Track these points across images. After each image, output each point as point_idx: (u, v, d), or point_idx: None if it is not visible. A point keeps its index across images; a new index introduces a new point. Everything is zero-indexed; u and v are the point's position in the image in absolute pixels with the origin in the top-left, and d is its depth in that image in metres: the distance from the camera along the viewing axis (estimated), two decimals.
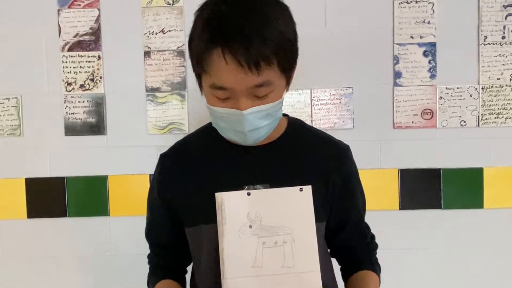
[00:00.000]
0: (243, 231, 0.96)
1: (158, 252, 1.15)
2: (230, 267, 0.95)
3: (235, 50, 0.86)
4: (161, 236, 1.13)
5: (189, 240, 1.07)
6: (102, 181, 1.75)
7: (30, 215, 1.76)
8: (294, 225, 0.97)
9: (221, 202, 0.97)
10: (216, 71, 0.89)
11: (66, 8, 1.73)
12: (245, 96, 0.91)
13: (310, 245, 0.96)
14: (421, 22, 1.71)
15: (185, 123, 1.74)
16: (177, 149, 1.11)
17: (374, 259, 1.15)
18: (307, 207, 0.97)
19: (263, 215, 0.97)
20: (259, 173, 1.01)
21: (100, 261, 1.78)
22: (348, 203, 1.10)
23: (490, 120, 1.73)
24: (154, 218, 1.14)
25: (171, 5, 1.72)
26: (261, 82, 0.89)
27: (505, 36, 1.72)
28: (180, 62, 1.73)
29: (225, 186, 0.99)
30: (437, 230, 1.75)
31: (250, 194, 0.98)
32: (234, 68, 0.87)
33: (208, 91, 0.95)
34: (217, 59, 0.88)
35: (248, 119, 0.92)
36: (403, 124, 1.74)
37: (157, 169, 1.11)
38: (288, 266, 0.95)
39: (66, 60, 1.74)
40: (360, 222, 1.14)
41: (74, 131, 1.75)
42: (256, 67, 0.87)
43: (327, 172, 1.05)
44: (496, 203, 1.74)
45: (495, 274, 1.76)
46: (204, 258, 1.03)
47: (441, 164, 1.74)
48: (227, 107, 0.93)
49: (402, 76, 1.73)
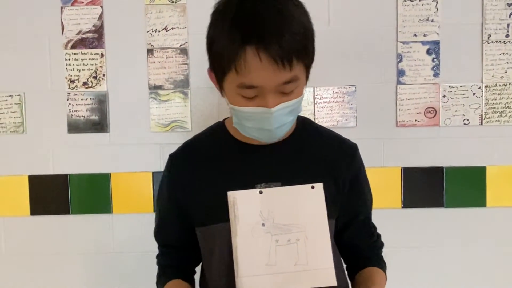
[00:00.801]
0: (256, 230, 0.96)
1: (167, 252, 1.14)
2: (244, 266, 0.95)
3: (269, 47, 0.86)
4: (170, 236, 1.13)
5: (200, 239, 1.07)
6: (105, 179, 1.76)
7: (33, 212, 1.77)
8: (307, 223, 0.97)
9: (234, 201, 0.98)
10: (249, 70, 0.88)
11: (69, 5, 1.73)
12: (273, 93, 0.91)
13: (323, 242, 0.97)
14: (424, 20, 1.71)
15: (187, 121, 1.74)
16: (186, 149, 1.11)
17: (380, 256, 1.15)
18: (319, 205, 0.98)
19: (275, 213, 0.97)
20: (270, 172, 1.01)
21: (103, 259, 1.78)
22: (357, 201, 1.11)
23: (493, 119, 1.73)
24: (163, 218, 1.14)
25: (174, 3, 1.72)
26: (290, 78, 0.90)
27: (509, 34, 1.71)
28: (183, 60, 1.73)
29: (237, 185, 0.99)
30: (439, 229, 1.75)
31: (262, 192, 0.98)
32: (268, 65, 0.87)
33: (234, 91, 0.93)
34: (251, 58, 0.87)
35: (276, 116, 0.93)
36: (406, 123, 1.74)
37: (166, 169, 1.11)
38: (302, 263, 0.96)
39: (69, 58, 1.74)
40: (367, 220, 1.15)
41: (77, 129, 1.75)
42: (289, 63, 0.88)
43: (337, 170, 1.05)
44: (499, 202, 1.74)
45: (497, 272, 1.76)
46: (216, 258, 1.03)
47: (444, 162, 1.74)
48: (253, 106, 0.93)
49: (405, 74, 1.72)
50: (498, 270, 1.76)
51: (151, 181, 1.75)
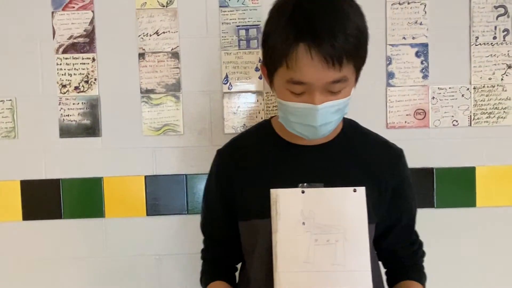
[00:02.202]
0: (296, 228, 0.98)
1: (212, 245, 1.18)
2: (282, 261, 0.97)
3: (322, 46, 0.89)
4: (216, 229, 1.17)
5: (242, 233, 1.10)
6: (97, 183, 1.76)
7: (25, 217, 1.76)
8: (347, 225, 0.98)
9: (276, 198, 0.99)
10: (299, 66, 0.91)
11: (60, 10, 1.73)
12: (320, 91, 0.93)
13: (362, 245, 0.98)
14: (413, 23, 1.73)
15: (180, 124, 1.75)
16: (233, 145, 1.15)
17: (420, 268, 1.15)
18: (361, 208, 0.98)
19: (316, 213, 0.98)
20: (313, 172, 1.03)
21: (96, 263, 1.78)
22: (400, 207, 1.11)
23: (482, 120, 1.75)
24: (210, 212, 1.17)
25: (165, 7, 1.73)
26: (339, 77, 0.92)
27: (496, 36, 1.73)
28: (175, 64, 1.73)
29: (280, 183, 1.01)
30: (430, 229, 1.75)
31: (304, 192, 1.00)
32: (318, 63, 0.90)
33: (283, 86, 0.96)
34: (302, 54, 0.90)
35: (321, 113, 0.95)
36: (396, 124, 1.75)
37: (214, 164, 1.14)
38: (339, 264, 0.97)
39: (60, 62, 1.74)
40: (410, 227, 1.15)
41: (69, 133, 1.75)
42: (340, 63, 0.90)
43: (381, 175, 1.06)
44: (488, 202, 1.76)
45: (488, 272, 1.78)
46: (256, 252, 1.06)
47: (434, 163, 1.76)
48: (300, 102, 0.95)
49: (394, 76, 1.74)
50: (488, 269, 1.78)
51: (144, 185, 1.75)
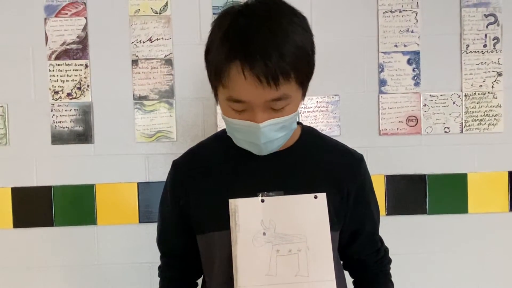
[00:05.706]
0: (257, 239, 0.95)
1: (170, 263, 1.13)
2: (243, 275, 0.93)
3: (254, 66, 0.85)
4: (173, 244, 1.12)
5: (201, 248, 1.06)
6: (89, 190, 1.74)
7: (16, 225, 1.74)
8: (309, 233, 0.95)
9: (235, 209, 0.96)
10: (234, 84, 0.88)
11: (53, 16, 1.73)
12: (262, 109, 0.90)
13: (325, 254, 0.95)
14: (405, 31, 1.75)
15: (173, 131, 1.75)
16: (189, 156, 1.10)
17: (387, 273, 1.13)
18: (322, 215, 0.96)
19: (277, 223, 0.95)
20: (273, 180, 1.00)
21: (87, 270, 1.76)
22: (362, 213, 1.08)
23: (473, 127, 1.77)
24: (166, 226, 1.12)
25: (158, 14, 1.73)
26: (278, 96, 0.89)
27: (486, 44, 1.75)
28: (168, 71, 1.74)
29: (239, 192, 0.98)
30: (423, 235, 1.77)
31: (264, 201, 0.97)
32: (252, 83, 0.86)
33: (225, 103, 0.93)
34: (235, 73, 0.87)
35: (264, 132, 0.92)
36: (388, 131, 1.76)
37: (170, 176, 1.10)
38: (303, 274, 0.93)
39: (53, 69, 1.73)
40: (373, 235, 1.13)
41: (61, 140, 1.74)
42: (275, 82, 0.86)
43: (342, 181, 1.03)
44: (480, 208, 1.77)
45: (479, 278, 1.79)
46: (216, 266, 1.02)
47: (426, 170, 1.77)
48: (243, 119, 0.92)
49: (387, 84, 1.76)
50: (481, 275, 1.78)
51: (137, 192, 1.74)
